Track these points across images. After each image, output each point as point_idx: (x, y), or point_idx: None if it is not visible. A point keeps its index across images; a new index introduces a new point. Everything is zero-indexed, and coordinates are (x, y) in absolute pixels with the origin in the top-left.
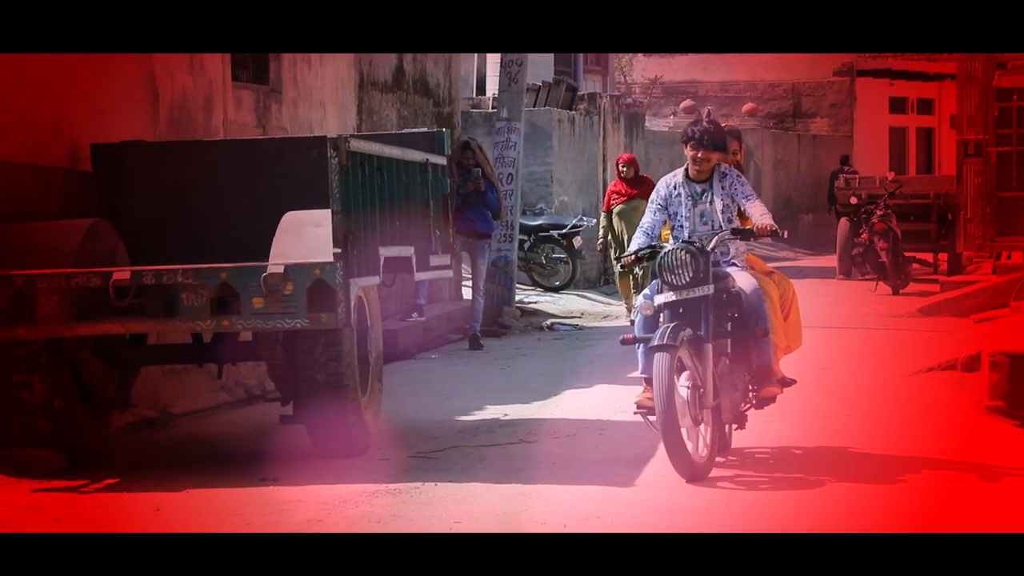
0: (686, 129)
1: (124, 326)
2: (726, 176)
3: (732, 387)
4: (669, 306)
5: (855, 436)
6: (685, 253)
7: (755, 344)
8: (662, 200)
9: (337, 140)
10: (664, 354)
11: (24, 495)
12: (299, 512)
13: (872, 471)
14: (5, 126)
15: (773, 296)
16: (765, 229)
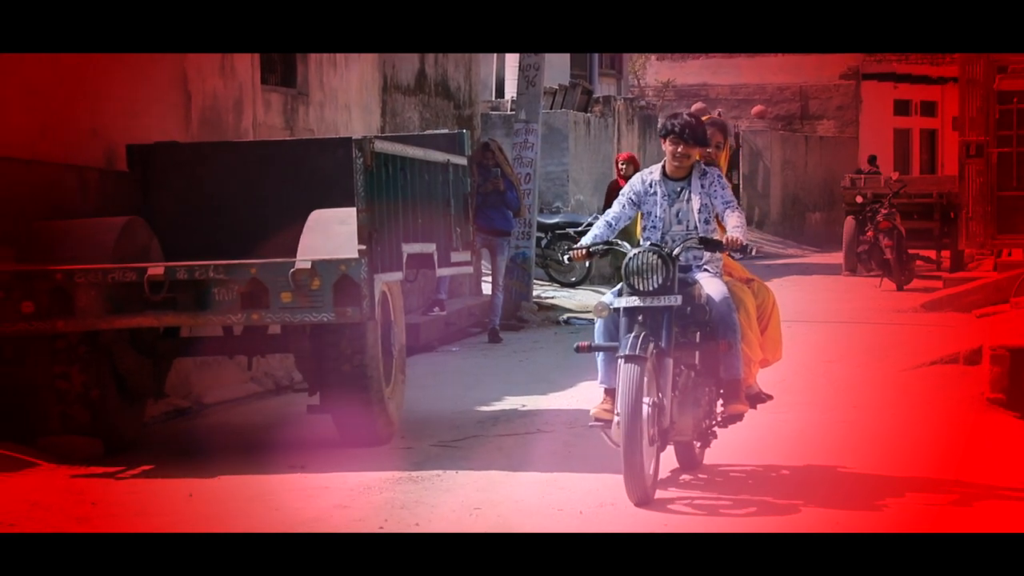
0: (665, 122)
1: (158, 319)
2: (706, 175)
3: (695, 403)
4: (629, 312)
5: (853, 440)
6: (656, 257)
7: (723, 357)
8: (635, 195)
9: (362, 141)
10: (633, 366)
11: (63, 480)
12: (326, 498)
13: (855, 494)
14: (44, 127)
15: (748, 306)
16: (735, 243)
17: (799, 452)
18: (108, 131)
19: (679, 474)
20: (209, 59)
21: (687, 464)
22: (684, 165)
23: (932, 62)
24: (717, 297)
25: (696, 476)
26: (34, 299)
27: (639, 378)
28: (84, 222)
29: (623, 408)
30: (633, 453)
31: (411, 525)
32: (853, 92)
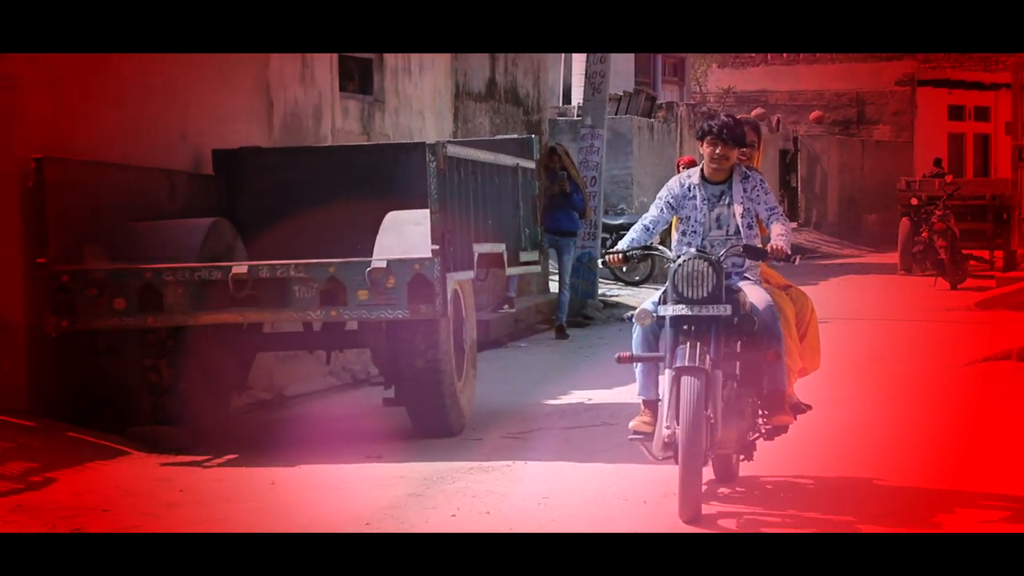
0: (702, 124)
1: (242, 316)
2: (748, 179)
3: (740, 414)
4: (676, 321)
5: (903, 445)
6: (706, 265)
7: (767, 368)
8: (673, 199)
9: (435, 146)
10: (692, 379)
11: (154, 468)
12: (401, 487)
13: (909, 508)
14: (136, 133)
15: (788, 314)
16: (779, 252)
17: (837, 461)
18: (196, 137)
19: (716, 486)
20: (291, 68)
21: (723, 476)
22: (723, 167)
23: (985, 68)
24: (761, 306)
25: (734, 489)
26: (126, 296)
27: (700, 392)
28: (173, 223)
29: (684, 424)
30: (692, 471)
31: (482, 513)
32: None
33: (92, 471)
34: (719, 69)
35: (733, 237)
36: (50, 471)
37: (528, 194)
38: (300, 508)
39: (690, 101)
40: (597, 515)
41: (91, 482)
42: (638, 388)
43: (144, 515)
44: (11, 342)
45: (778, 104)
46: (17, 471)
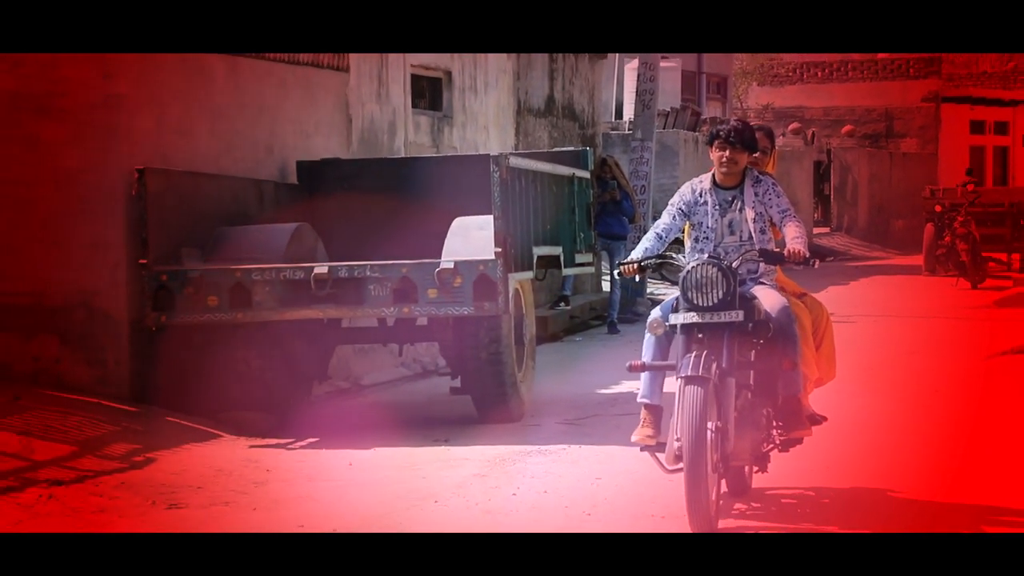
0: (711, 129)
1: (323, 312)
2: (760, 183)
3: (754, 425)
4: (687, 329)
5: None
6: (716, 271)
7: (782, 376)
8: (684, 205)
9: (498, 157)
10: (696, 388)
11: (243, 450)
12: (466, 468)
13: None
14: (229, 146)
15: (804, 322)
16: (796, 255)
17: (852, 471)
18: (282, 149)
19: (729, 501)
20: (368, 87)
21: (737, 489)
22: (733, 171)
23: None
24: (776, 309)
25: (749, 504)
26: (218, 294)
27: (703, 401)
28: (260, 227)
29: (686, 434)
30: (697, 483)
31: (540, 492)
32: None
33: (188, 452)
34: (759, 87)
35: (746, 243)
36: (151, 452)
37: (583, 201)
38: (376, 486)
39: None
40: (646, 495)
41: (187, 462)
42: (641, 391)
43: (234, 492)
44: (116, 336)
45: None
46: (121, 452)
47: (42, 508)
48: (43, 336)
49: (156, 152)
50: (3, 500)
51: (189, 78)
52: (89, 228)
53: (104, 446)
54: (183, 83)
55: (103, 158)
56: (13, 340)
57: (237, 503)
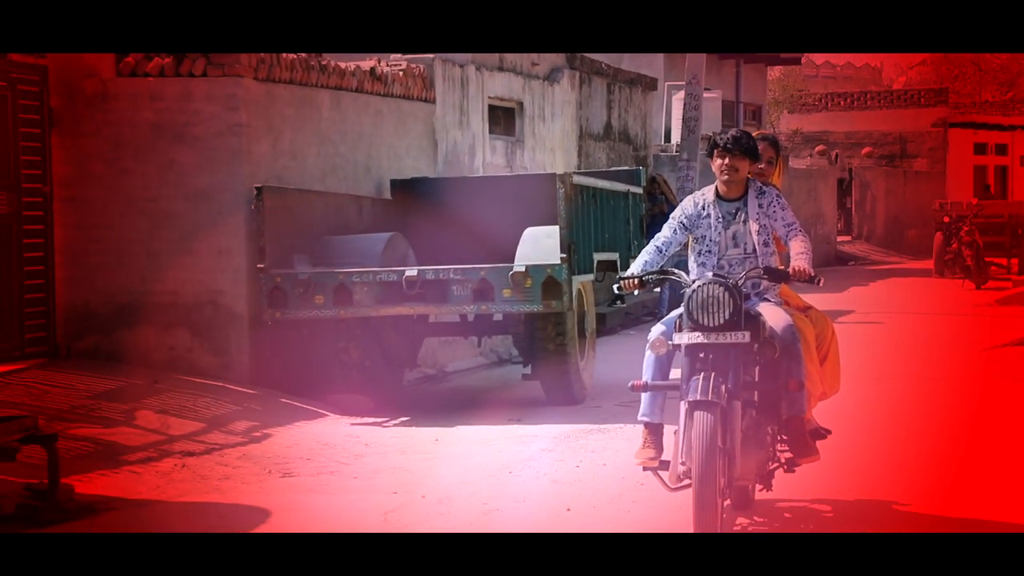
0: (711, 138)
1: (413, 309)
2: (764, 194)
3: (758, 444)
4: (691, 349)
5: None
6: (722, 290)
7: (787, 395)
8: (686, 219)
9: (563, 176)
10: (705, 414)
11: (345, 427)
12: (536, 443)
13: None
14: (333, 167)
15: (808, 337)
16: (801, 273)
17: (855, 481)
18: (378, 170)
19: (733, 515)
20: (451, 115)
21: (739, 503)
22: (735, 180)
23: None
24: (780, 327)
25: (752, 519)
26: (323, 294)
27: (712, 427)
28: (360, 236)
29: (696, 461)
30: (706, 509)
31: (600, 465)
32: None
33: (298, 429)
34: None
35: (750, 255)
36: (267, 428)
37: (636, 213)
38: (458, 459)
39: None
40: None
41: (298, 437)
42: (641, 409)
43: (338, 463)
44: (238, 329)
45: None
46: (242, 428)
47: (176, 475)
48: (177, 329)
49: (272, 173)
50: (145, 468)
51: (300, 109)
52: (216, 238)
53: (228, 423)
54: (294, 113)
55: (228, 178)
56: (152, 333)
57: (340, 472)
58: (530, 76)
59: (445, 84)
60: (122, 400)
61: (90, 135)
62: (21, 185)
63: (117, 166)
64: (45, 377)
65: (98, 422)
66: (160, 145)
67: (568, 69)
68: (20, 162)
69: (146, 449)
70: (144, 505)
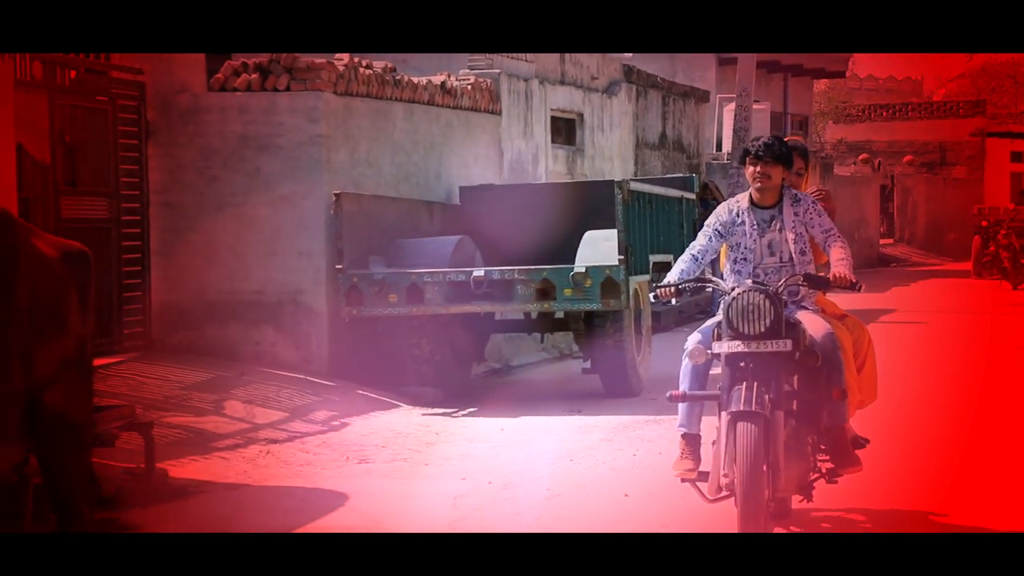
0: (743, 146)
1: (480, 307)
2: (800, 202)
3: (800, 455)
4: (731, 359)
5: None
6: (762, 297)
7: (828, 405)
8: (721, 226)
9: (621, 182)
10: (750, 425)
11: (417, 417)
12: (595, 433)
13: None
14: (405, 175)
15: (846, 345)
16: (842, 280)
17: (892, 491)
18: (447, 177)
19: (768, 523)
20: (516, 126)
21: (777, 512)
22: (767, 187)
23: None
24: (820, 335)
25: (788, 529)
26: (397, 292)
27: (756, 439)
28: (430, 239)
29: (742, 475)
30: (751, 524)
31: (655, 454)
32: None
33: (374, 418)
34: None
35: (786, 264)
36: (345, 418)
37: (689, 218)
38: (522, 447)
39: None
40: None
41: (373, 426)
42: (679, 420)
43: (410, 450)
44: (318, 325)
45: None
46: (322, 418)
47: (261, 461)
48: (262, 325)
49: (349, 180)
50: (232, 454)
51: (375, 121)
52: (298, 240)
53: (309, 413)
54: (371, 125)
55: (309, 185)
56: (239, 328)
57: (413, 459)
58: (590, 89)
59: (510, 97)
60: (211, 391)
61: (183, 145)
62: (120, 192)
63: (207, 174)
64: (141, 369)
65: (190, 411)
66: (247, 155)
67: (625, 83)
68: (119, 171)
69: (233, 437)
70: (232, 488)
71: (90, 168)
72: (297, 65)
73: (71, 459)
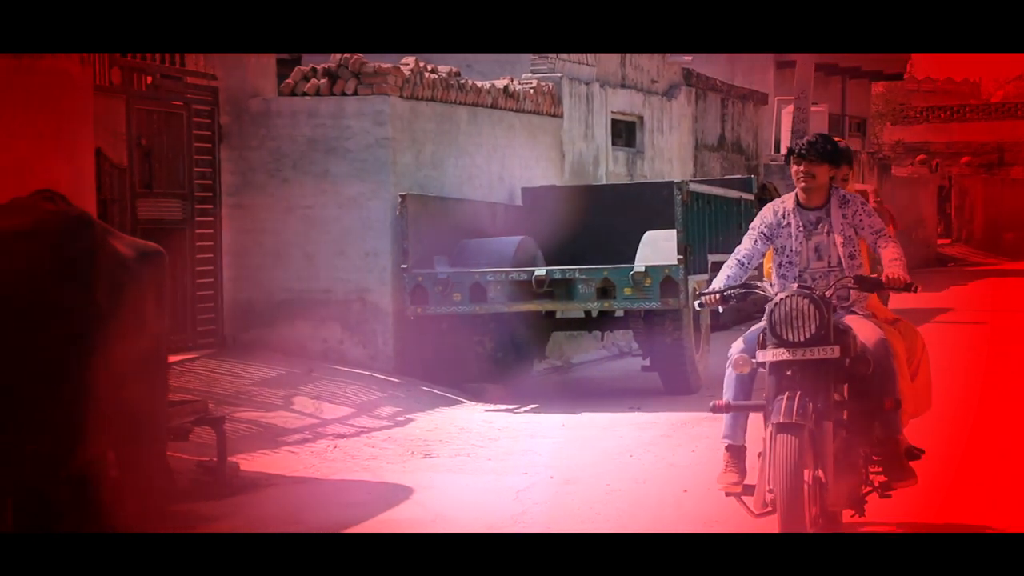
0: (789, 146)
1: (541, 306)
2: (848, 203)
3: (851, 468)
4: (776, 367)
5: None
6: (807, 302)
7: (881, 416)
8: (766, 228)
9: (680, 183)
10: (790, 437)
11: (480, 413)
12: (655, 430)
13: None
14: (469, 176)
15: (899, 352)
16: (897, 281)
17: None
18: (510, 179)
19: None
20: (577, 129)
21: (826, 528)
22: (813, 187)
23: None
24: (872, 341)
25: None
26: (461, 291)
27: (797, 451)
28: (493, 239)
29: (780, 488)
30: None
31: (714, 450)
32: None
33: (438, 414)
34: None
35: (835, 269)
36: (410, 413)
37: (747, 218)
38: (583, 443)
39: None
40: None
41: (437, 422)
42: (723, 430)
43: (473, 446)
44: (383, 323)
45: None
46: (387, 414)
47: (329, 455)
48: (330, 323)
49: (415, 182)
50: (301, 448)
51: (440, 124)
52: (365, 241)
53: (374, 408)
54: (435, 128)
55: (376, 187)
56: (307, 326)
57: (476, 454)
58: (650, 92)
59: (572, 100)
60: (281, 387)
61: (254, 149)
62: (194, 194)
63: (278, 176)
64: (214, 366)
65: (260, 407)
66: (316, 157)
67: (685, 86)
68: (193, 173)
69: (302, 431)
70: (301, 482)
71: (165, 171)
72: (364, 70)
73: (148, 452)
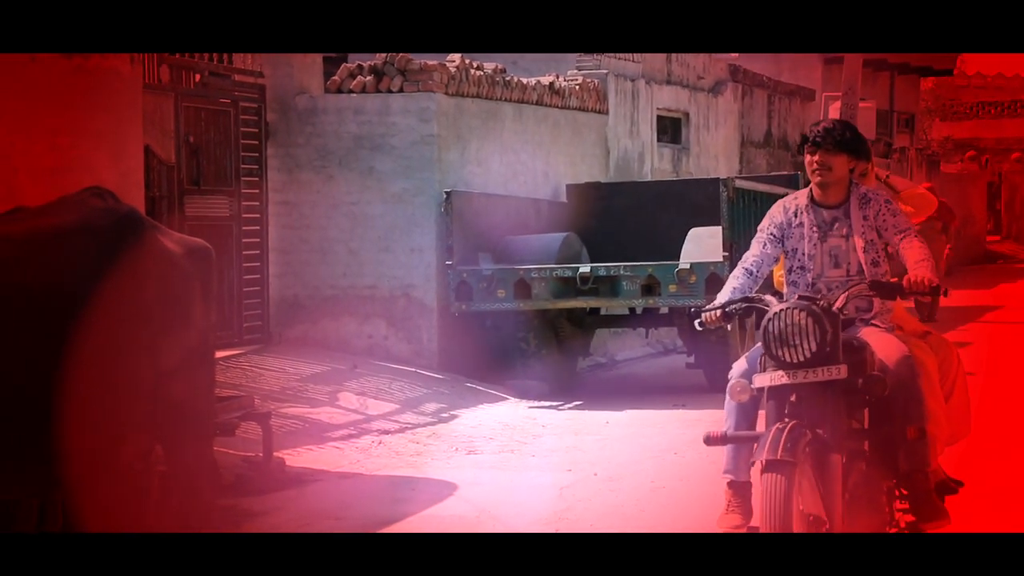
0: (803, 134)
1: (585, 302)
2: (869, 201)
3: (870, 505)
4: (775, 393)
5: None
6: (805, 316)
7: (905, 445)
8: (776, 229)
9: (726, 180)
10: (776, 476)
11: (524, 410)
12: (699, 427)
13: None
14: (514, 173)
15: (931, 371)
16: (919, 284)
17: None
18: (555, 174)
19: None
20: (622, 126)
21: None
22: (828, 180)
23: None
24: (894, 359)
25: None
26: (505, 288)
27: (785, 493)
28: (538, 236)
29: (771, 525)
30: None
31: None
32: None
33: (482, 410)
34: (941, 122)
35: (855, 277)
36: (454, 410)
37: None
38: (627, 440)
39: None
40: None
41: (481, 418)
42: (724, 465)
43: (517, 442)
44: (428, 319)
45: (986, 148)
46: (432, 410)
47: (374, 451)
48: (374, 319)
49: (460, 178)
50: (346, 444)
51: (485, 121)
52: (410, 237)
53: (419, 404)
54: (480, 125)
55: (421, 183)
56: (353, 322)
57: (520, 451)
58: (695, 88)
59: (617, 97)
60: (326, 383)
61: (300, 145)
62: (241, 191)
63: (324, 173)
64: (260, 361)
65: (305, 402)
66: (361, 154)
67: (731, 82)
68: (240, 170)
69: (347, 427)
70: (345, 477)
71: (213, 168)
72: (410, 67)
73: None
